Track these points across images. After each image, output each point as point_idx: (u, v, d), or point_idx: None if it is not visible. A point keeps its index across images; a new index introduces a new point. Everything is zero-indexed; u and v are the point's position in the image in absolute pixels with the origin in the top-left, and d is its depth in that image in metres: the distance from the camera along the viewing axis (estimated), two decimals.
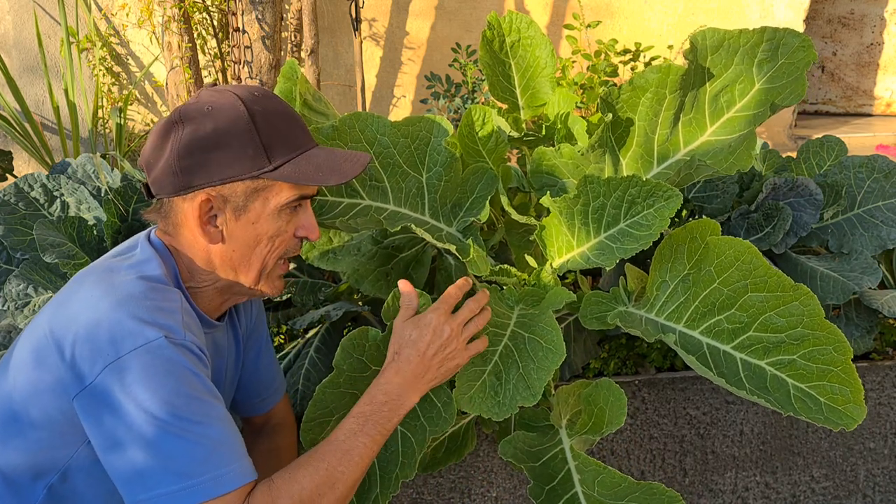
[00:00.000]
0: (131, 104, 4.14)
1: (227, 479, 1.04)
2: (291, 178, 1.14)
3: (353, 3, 3.76)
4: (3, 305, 1.65)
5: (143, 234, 1.22)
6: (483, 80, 3.49)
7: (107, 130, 4.00)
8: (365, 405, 1.20)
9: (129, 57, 4.16)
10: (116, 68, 4.14)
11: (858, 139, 4.85)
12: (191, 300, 1.18)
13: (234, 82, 3.50)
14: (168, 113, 4.09)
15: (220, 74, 3.88)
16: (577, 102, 1.76)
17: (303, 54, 3.60)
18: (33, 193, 1.81)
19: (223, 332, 1.31)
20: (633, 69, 3.68)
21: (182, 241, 1.18)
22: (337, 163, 1.19)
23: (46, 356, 1.07)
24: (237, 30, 3.41)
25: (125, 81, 4.17)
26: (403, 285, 1.31)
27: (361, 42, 3.88)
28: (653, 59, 3.67)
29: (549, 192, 1.55)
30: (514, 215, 1.54)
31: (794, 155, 2.15)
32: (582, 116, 1.74)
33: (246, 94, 1.15)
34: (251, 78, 3.43)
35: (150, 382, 1.02)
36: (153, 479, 1.01)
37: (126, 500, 1.04)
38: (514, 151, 2.24)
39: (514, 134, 1.73)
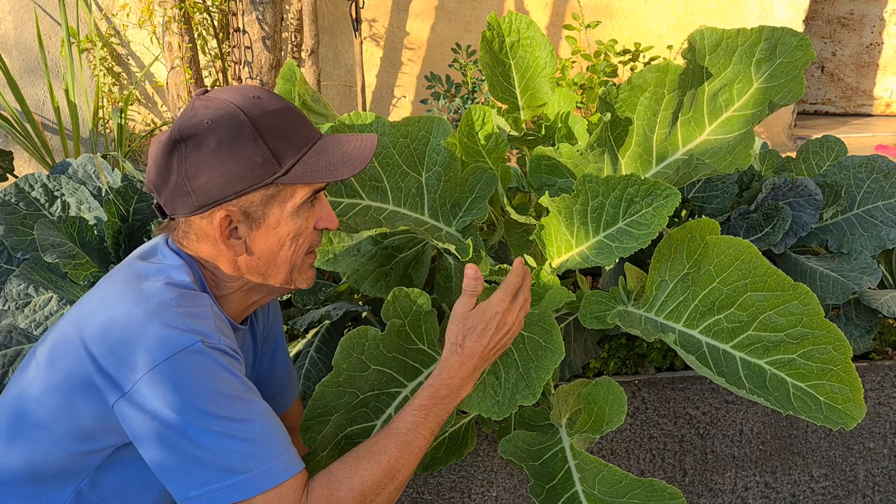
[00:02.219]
0: (132, 104, 4.14)
1: (277, 472, 1.05)
2: (304, 179, 1.13)
3: (353, 4, 3.76)
4: (3, 305, 1.65)
5: (159, 239, 1.21)
6: (483, 80, 3.49)
7: (107, 130, 4.01)
8: (427, 398, 1.21)
9: (129, 57, 4.16)
10: (117, 68, 4.14)
11: (858, 139, 4.85)
12: (218, 305, 1.18)
13: (235, 83, 3.51)
14: (168, 114, 4.10)
15: (220, 75, 3.88)
16: (576, 102, 1.76)
17: (303, 55, 3.61)
18: (34, 193, 1.82)
19: (244, 336, 1.31)
20: (632, 69, 3.68)
21: (204, 254, 1.17)
22: (346, 153, 1.18)
23: (78, 363, 1.07)
24: (237, 30, 3.42)
25: (126, 82, 4.17)
26: (471, 269, 1.28)
27: (361, 42, 3.88)
28: (652, 59, 3.67)
29: (548, 191, 1.55)
30: (514, 215, 1.54)
31: (793, 155, 2.15)
32: (582, 116, 1.74)
33: (242, 101, 1.12)
34: (251, 78, 3.44)
35: (190, 387, 1.03)
36: (204, 476, 1.03)
37: (177, 497, 1.05)
38: (514, 151, 2.24)
39: (514, 134, 1.73)
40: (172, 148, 1.11)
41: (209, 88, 1.18)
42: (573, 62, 3.53)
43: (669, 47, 4.17)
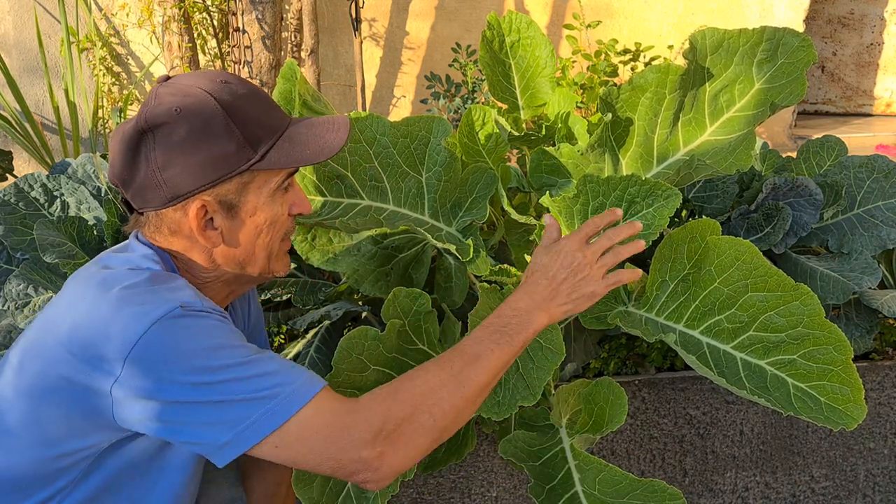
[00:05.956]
0: (131, 104, 4.13)
1: (306, 388, 1.01)
2: (281, 164, 1.11)
3: (353, 4, 3.76)
4: (3, 305, 1.65)
5: (130, 237, 1.17)
6: (483, 80, 3.49)
7: (107, 130, 4.01)
8: (493, 318, 1.16)
9: (129, 57, 4.16)
10: (116, 68, 4.14)
11: (858, 139, 4.85)
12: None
13: None
14: None
15: None
16: (577, 102, 1.76)
17: (303, 54, 3.60)
18: (33, 193, 1.81)
19: None
20: (633, 69, 3.68)
21: (177, 247, 1.14)
22: (320, 136, 1.15)
23: (55, 367, 1.03)
24: (237, 30, 3.41)
25: (125, 81, 4.17)
26: (548, 218, 1.28)
27: (361, 42, 3.88)
28: (653, 59, 3.67)
29: (548, 191, 1.55)
30: (514, 215, 1.54)
31: (794, 155, 2.15)
32: (583, 116, 1.74)
33: (211, 86, 1.09)
34: (251, 78, 3.44)
35: (182, 348, 0.99)
36: (231, 414, 0.98)
37: (210, 454, 1.01)
38: (514, 151, 2.24)
39: (515, 134, 1.73)
40: (139, 139, 1.07)
41: (170, 76, 1.15)
42: (573, 62, 3.53)
43: (670, 47, 4.17)
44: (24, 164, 3.98)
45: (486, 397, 1.13)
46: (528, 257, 1.57)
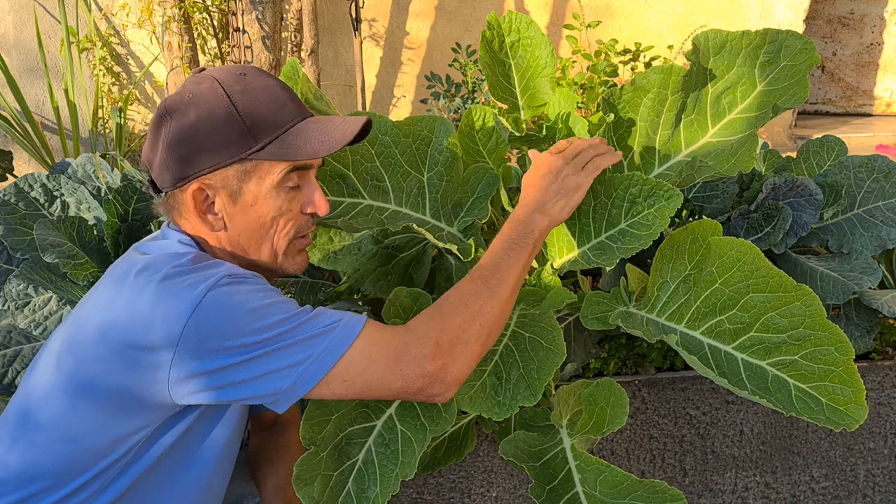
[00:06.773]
0: (131, 104, 4.14)
1: (356, 320, 1.08)
2: (279, 155, 1.14)
3: (353, 4, 3.76)
4: (3, 305, 1.65)
5: (163, 226, 1.23)
6: (483, 80, 3.49)
7: (107, 130, 4.00)
8: (498, 237, 1.25)
9: (129, 57, 4.16)
10: (116, 68, 4.14)
11: (858, 139, 4.85)
12: None
13: None
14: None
15: None
16: (577, 102, 1.76)
17: (303, 54, 3.60)
18: (33, 193, 1.81)
19: None
20: (633, 69, 3.68)
21: (189, 229, 1.19)
22: (328, 133, 1.17)
23: (91, 358, 1.05)
24: (237, 30, 3.41)
25: (125, 81, 4.17)
26: (532, 152, 1.40)
27: (361, 42, 3.88)
28: (653, 59, 3.67)
29: None
30: None
31: (794, 155, 2.15)
32: (583, 117, 1.73)
33: (226, 76, 1.14)
34: None
35: (236, 312, 1.03)
36: (291, 366, 1.04)
37: (277, 400, 1.06)
38: (515, 151, 2.24)
39: (515, 133, 1.73)
40: (160, 121, 1.14)
41: (205, 67, 1.20)
42: (573, 62, 3.53)
43: (670, 47, 4.17)
44: (24, 164, 3.98)
45: (515, 300, 1.22)
46: None
